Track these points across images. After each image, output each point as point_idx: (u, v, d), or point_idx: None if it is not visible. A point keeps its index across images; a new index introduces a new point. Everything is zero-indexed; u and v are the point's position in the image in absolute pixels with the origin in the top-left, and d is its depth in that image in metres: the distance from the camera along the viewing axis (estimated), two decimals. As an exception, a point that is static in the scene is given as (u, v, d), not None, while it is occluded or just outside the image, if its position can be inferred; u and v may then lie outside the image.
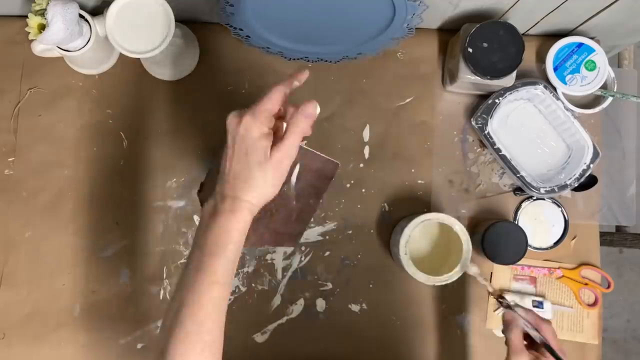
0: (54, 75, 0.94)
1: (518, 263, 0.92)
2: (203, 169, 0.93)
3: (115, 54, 0.94)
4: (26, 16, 0.81)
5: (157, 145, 0.94)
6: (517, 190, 0.95)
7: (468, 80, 0.88)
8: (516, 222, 0.94)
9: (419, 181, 0.95)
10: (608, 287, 0.96)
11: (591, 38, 0.93)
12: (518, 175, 0.90)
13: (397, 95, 0.97)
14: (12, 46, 0.93)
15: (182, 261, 0.92)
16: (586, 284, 0.95)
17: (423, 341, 0.93)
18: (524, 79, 0.91)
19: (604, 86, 0.95)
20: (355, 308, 0.93)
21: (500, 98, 0.90)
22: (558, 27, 0.95)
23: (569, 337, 0.94)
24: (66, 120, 0.94)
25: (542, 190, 0.89)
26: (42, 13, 0.79)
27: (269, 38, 0.88)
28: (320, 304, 0.93)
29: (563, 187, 0.90)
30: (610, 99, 0.94)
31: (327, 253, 0.93)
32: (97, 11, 0.87)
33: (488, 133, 0.90)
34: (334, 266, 0.93)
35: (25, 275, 0.91)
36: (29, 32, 0.81)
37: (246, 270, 0.92)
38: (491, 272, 0.94)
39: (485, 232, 0.88)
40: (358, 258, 0.94)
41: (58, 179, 0.93)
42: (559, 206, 0.95)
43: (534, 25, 0.93)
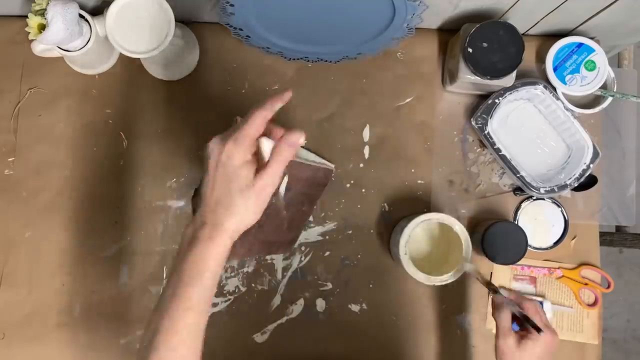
0: (54, 75, 0.94)
1: (518, 263, 0.92)
2: (202, 170, 0.93)
3: (115, 54, 0.94)
4: (26, 16, 0.81)
5: (157, 145, 0.94)
6: (517, 190, 0.95)
7: (468, 80, 0.88)
8: (516, 222, 0.94)
9: (419, 181, 0.95)
10: (608, 287, 0.96)
11: (591, 38, 0.93)
12: (518, 175, 0.90)
13: (397, 95, 0.97)
14: (12, 46, 0.93)
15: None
16: (586, 284, 0.95)
17: (423, 341, 0.93)
18: (524, 79, 0.91)
19: (604, 86, 0.95)
20: (355, 308, 0.93)
21: (500, 98, 0.90)
22: (558, 27, 0.95)
23: (569, 337, 0.94)
24: (66, 120, 0.94)
25: (542, 190, 0.89)
26: (42, 13, 0.79)
27: (269, 38, 0.88)
28: (320, 304, 0.93)
29: (563, 187, 0.90)
30: (610, 99, 0.94)
31: (327, 253, 0.93)
32: (97, 11, 0.87)
33: (488, 133, 0.90)
34: (334, 266, 0.93)
35: (25, 275, 0.91)
36: (29, 32, 0.81)
37: (246, 270, 0.92)
38: (491, 272, 0.94)
39: (485, 232, 0.88)
40: (358, 258, 0.94)
41: (58, 179, 0.93)
42: (559, 206, 0.95)
43: (534, 25, 0.93)
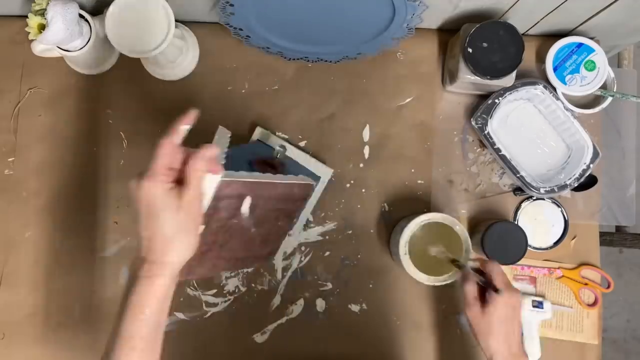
0: (54, 75, 0.94)
1: (518, 263, 0.92)
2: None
3: (115, 54, 0.94)
4: (26, 16, 0.81)
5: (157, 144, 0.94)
6: (517, 190, 0.95)
7: (468, 80, 0.88)
8: (516, 222, 0.94)
9: (419, 181, 0.95)
10: (608, 287, 0.96)
11: (591, 38, 0.93)
12: (518, 175, 0.90)
13: (397, 95, 0.97)
14: (12, 46, 0.93)
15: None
16: (586, 284, 0.95)
17: (423, 341, 0.93)
18: (524, 79, 0.91)
19: (604, 86, 0.95)
20: (355, 308, 0.93)
21: (500, 98, 0.91)
22: (558, 27, 0.95)
23: (569, 337, 0.94)
24: (66, 120, 0.94)
25: (542, 190, 0.89)
26: (42, 13, 0.79)
27: (269, 38, 0.88)
28: (320, 304, 0.93)
29: (563, 187, 0.90)
30: (610, 99, 0.94)
31: (327, 253, 0.93)
32: (97, 11, 0.87)
33: (488, 133, 0.91)
34: (334, 266, 0.93)
35: (25, 275, 0.91)
36: (29, 32, 0.81)
37: (246, 270, 0.92)
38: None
39: (485, 232, 0.88)
40: (358, 258, 0.94)
41: (58, 179, 0.93)
42: (559, 206, 0.95)
43: (534, 25, 0.93)
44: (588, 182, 0.93)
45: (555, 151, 0.94)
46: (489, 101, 0.91)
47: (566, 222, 0.94)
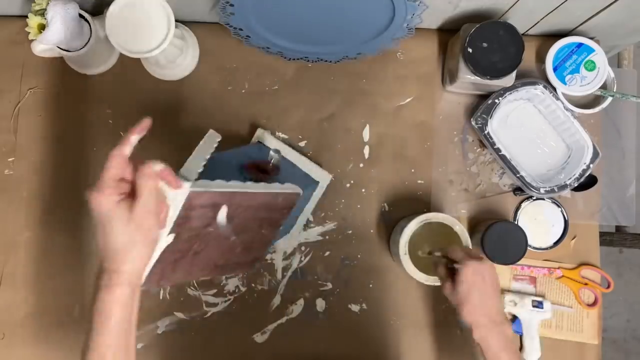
0: (54, 75, 0.94)
1: (518, 263, 0.92)
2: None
3: (115, 54, 0.94)
4: (26, 16, 0.81)
5: (157, 145, 0.94)
6: (517, 190, 0.95)
7: (468, 80, 0.88)
8: (516, 222, 0.94)
9: (419, 181, 0.95)
10: (608, 287, 0.96)
11: (591, 38, 0.93)
12: (518, 175, 0.90)
13: (397, 95, 0.97)
14: (12, 46, 0.93)
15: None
16: (586, 284, 0.95)
17: (423, 341, 0.93)
18: (524, 79, 0.91)
19: (604, 86, 0.95)
20: (355, 308, 0.93)
21: (500, 98, 0.91)
22: (558, 27, 0.95)
23: (569, 337, 0.94)
24: (66, 120, 0.94)
25: (542, 190, 0.89)
26: (42, 13, 0.79)
27: (269, 38, 0.88)
28: (320, 304, 0.93)
29: (563, 187, 0.90)
30: (609, 99, 0.94)
31: (327, 253, 0.93)
32: (97, 11, 0.87)
33: (488, 133, 0.91)
34: (334, 266, 0.93)
35: (25, 275, 0.91)
36: (29, 32, 0.81)
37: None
38: (491, 272, 0.94)
39: (485, 232, 0.88)
40: (358, 258, 0.94)
41: (58, 179, 0.93)
42: (559, 206, 0.95)
43: (534, 25, 0.93)
44: (588, 182, 0.93)
45: (555, 151, 0.94)
46: (489, 101, 0.91)
47: (566, 222, 0.94)
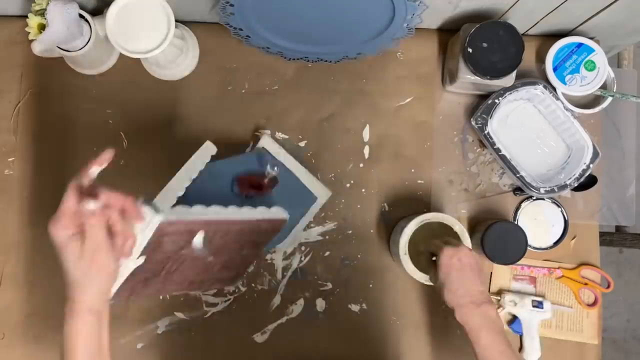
0: (54, 75, 0.94)
1: (518, 263, 0.92)
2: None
3: (115, 54, 0.94)
4: (26, 16, 0.81)
5: (157, 145, 0.94)
6: (517, 190, 0.95)
7: (468, 80, 0.88)
8: (516, 222, 0.94)
9: (419, 181, 0.95)
10: (608, 287, 0.96)
11: (591, 38, 0.93)
12: (518, 175, 0.90)
13: (397, 95, 0.97)
14: (12, 46, 0.93)
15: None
16: (586, 284, 0.95)
17: (422, 341, 0.93)
18: (524, 79, 0.91)
19: (604, 86, 0.95)
20: (355, 308, 0.93)
21: (500, 98, 0.90)
22: (558, 27, 0.95)
23: (569, 337, 0.94)
24: (66, 120, 0.93)
25: (542, 190, 0.89)
26: (42, 13, 0.79)
27: (269, 38, 0.88)
28: (320, 304, 0.93)
29: (563, 187, 0.90)
30: (609, 99, 0.94)
31: (327, 253, 0.93)
32: (97, 11, 0.87)
33: (488, 133, 0.90)
34: (334, 266, 0.93)
35: (25, 275, 0.91)
36: (29, 32, 0.81)
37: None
38: (491, 272, 0.94)
39: (485, 232, 0.88)
40: (358, 258, 0.94)
41: (58, 179, 0.92)
42: (559, 206, 0.95)
43: (534, 25, 0.93)
44: (588, 182, 0.93)
45: (555, 151, 0.94)
46: (489, 101, 0.91)
47: (566, 222, 0.94)
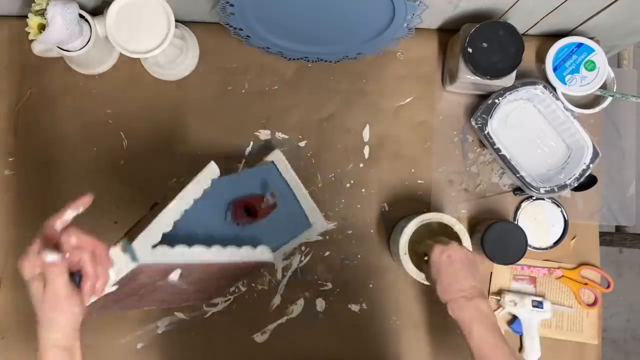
0: (54, 75, 0.94)
1: (518, 263, 0.92)
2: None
3: (115, 54, 0.94)
4: (26, 16, 0.81)
5: (157, 144, 0.94)
6: (517, 190, 0.95)
7: (468, 80, 0.88)
8: (516, 222, 0.94)
9: (419, 181, 0.95)
10: (608, 287, 0.96)
11: (591, 38, 0.93)
12: (518, 175, 0.90)
13: (397, 95, 0.97)
14: (12, 46, 0.93)
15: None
16: (586, 284, 0.95)
17: (422, 341, 0.93)
18: (524, 79, 0.91)
19: (604, 86, 0.95)
20: (355, 308, 0.93)
21: (500, 98, 0.91)
22: (558, 27, 0.95)
23: (569, 337, 0.94)
24: (66, 120, 0.93)
25: (542, 190, 0.89)
26: (42, 13, 0.79)
27: (269, 38, 0.88)
28: (320, 304, 0.93)
29: (563, 187, 0.90)
30: (609, 99, 0.94)
31: (327, 253, 0.93)
32: (97, 11, 0.87)
33: (488, 133, 0.91)
34: (334, 266, 0.93)
35: (25, 275, 0.91)
36: (29, 32, 0.81)
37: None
38: (491, 272, 0.94)
39: (485, 232, 0.88)
40: (358, 258, 0.94)
41: (58, 179, 0.93)
42: (559, 206, 0.95)
43: (534, 25, 0.93)
44: (588, 182, 0.93)
45: (555, 151, 0.94)
46: (489, 101, 0.91)
47: (566, 222, 0.94)
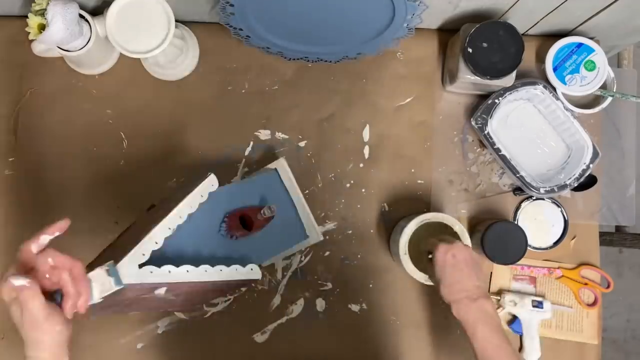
0: (54, 75, 0.94)
1: (518, 263, 0.92)
2: (204, 169, 0.93)
3: (115, 54, 0.94)
4: (26, 16, 0.81)
5: (157, 145, 0.94)
6: (517, 190, 0.95)
7: (468, 80, 0.88)
8: (516, 222, 0.94)
9: (419, 181, 0.95)
10: (608, 287, 0.96)
11: (591, 38, 0.93)
12: (518, 175, 0.90)
13: (397, 95, 0.97)
14: (12, 46, 0.93)
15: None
16: (586, 284, 0.95)
17: (422, 341, 0.93)
18: (524, 79, 0.91)
19: (604, 86, 0.95)
20: (355, 308, 0.93)
21: (500, 98, 0.91)
22: (558, 27, 0.95)
23: (569, 337, 0.94)
24: (66, 120, 0.93)
25: (542, 190, 0.89)
26: (42, 13, 0.79)
27: (269, 38, 0.88)
28: (320, 304, 0.93)
29: (563, 187, 0.90)
30: (609, 99, 0.94)
31: (327, 253, 0.93)
32: (97, 11, 0.87)
33: (488, 133, 0.91)
34: (334, 266, 0.93)
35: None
36: (29, 32, 0.81)
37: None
38: (491, 272, 0.94)
39: (485, 232, 0.88)
40: (358, 258, 0.94)
41: (58, 179, 0.93)
42: (559, 206, 0.95)
43: (534, 25, 0.93)
44: (588, 182, 0.93)
45: (555, 151, 0.94)
46: (489, 101, 0.91)
47: (566, 222, 0.94)
